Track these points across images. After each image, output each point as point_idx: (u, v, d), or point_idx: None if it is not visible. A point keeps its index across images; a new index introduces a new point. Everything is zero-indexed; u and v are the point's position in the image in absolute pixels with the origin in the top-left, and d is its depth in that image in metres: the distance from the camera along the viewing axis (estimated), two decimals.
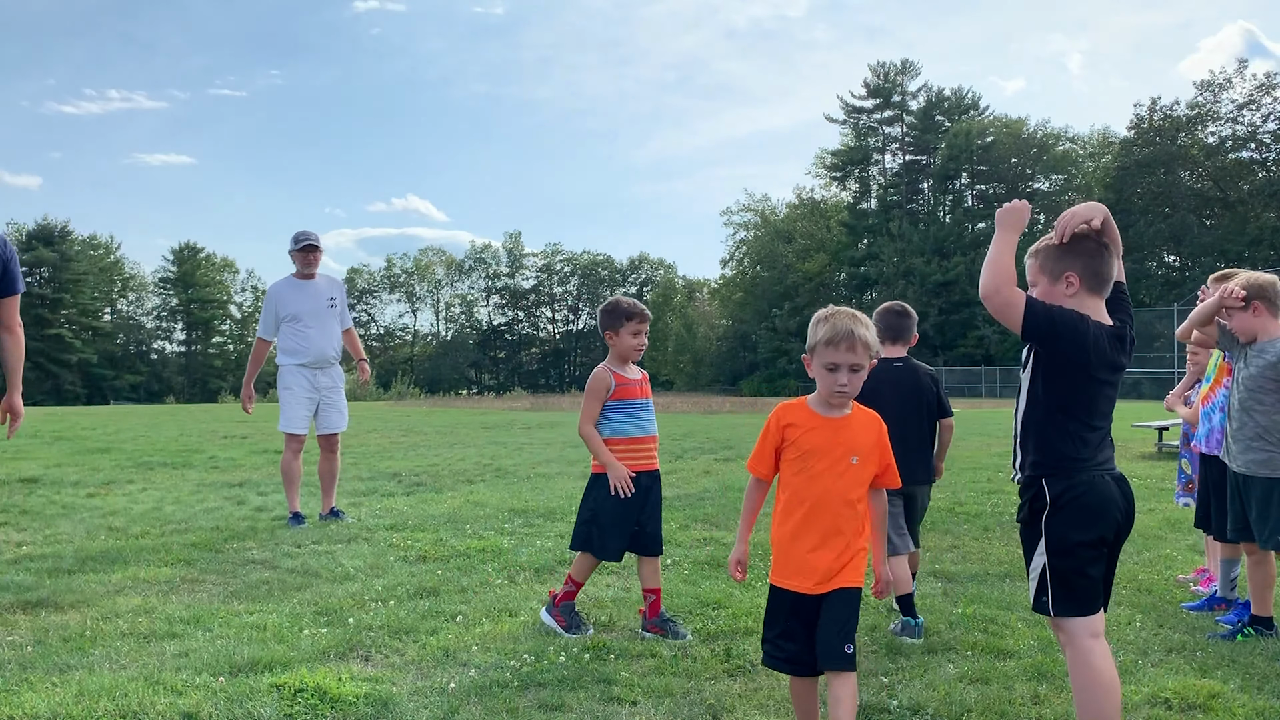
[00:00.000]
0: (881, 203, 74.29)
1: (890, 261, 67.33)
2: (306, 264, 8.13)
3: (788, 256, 75.21)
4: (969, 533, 7.69)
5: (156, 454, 14.64)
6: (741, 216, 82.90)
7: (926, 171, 73.25)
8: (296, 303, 8.02)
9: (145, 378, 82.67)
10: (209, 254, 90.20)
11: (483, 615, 5.01)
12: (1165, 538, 7.39)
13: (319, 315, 8.04)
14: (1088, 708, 2.93)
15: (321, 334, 8.02)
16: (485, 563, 6.32)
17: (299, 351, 7.97)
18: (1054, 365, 2.99)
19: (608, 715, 3.63)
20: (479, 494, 9.99)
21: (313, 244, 8.14)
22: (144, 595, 5.46)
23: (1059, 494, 2.97)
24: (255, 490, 10.31)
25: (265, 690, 3.79)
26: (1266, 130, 57.42)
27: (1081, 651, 2.95)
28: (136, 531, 7.55)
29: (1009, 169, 67.93)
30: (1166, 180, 58.80)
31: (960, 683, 3.96)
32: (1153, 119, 59.57)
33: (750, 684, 3.96)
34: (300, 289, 8.11)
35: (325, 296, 8.12)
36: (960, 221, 68.80)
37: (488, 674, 4.07)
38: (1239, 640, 4.60)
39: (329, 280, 8.34)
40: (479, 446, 16.68)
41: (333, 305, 8.14)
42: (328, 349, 8.08)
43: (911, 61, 73.87)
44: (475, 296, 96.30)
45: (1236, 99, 57.88)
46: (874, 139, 75.66)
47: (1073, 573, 2.97)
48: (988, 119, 70.53)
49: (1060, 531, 2.96)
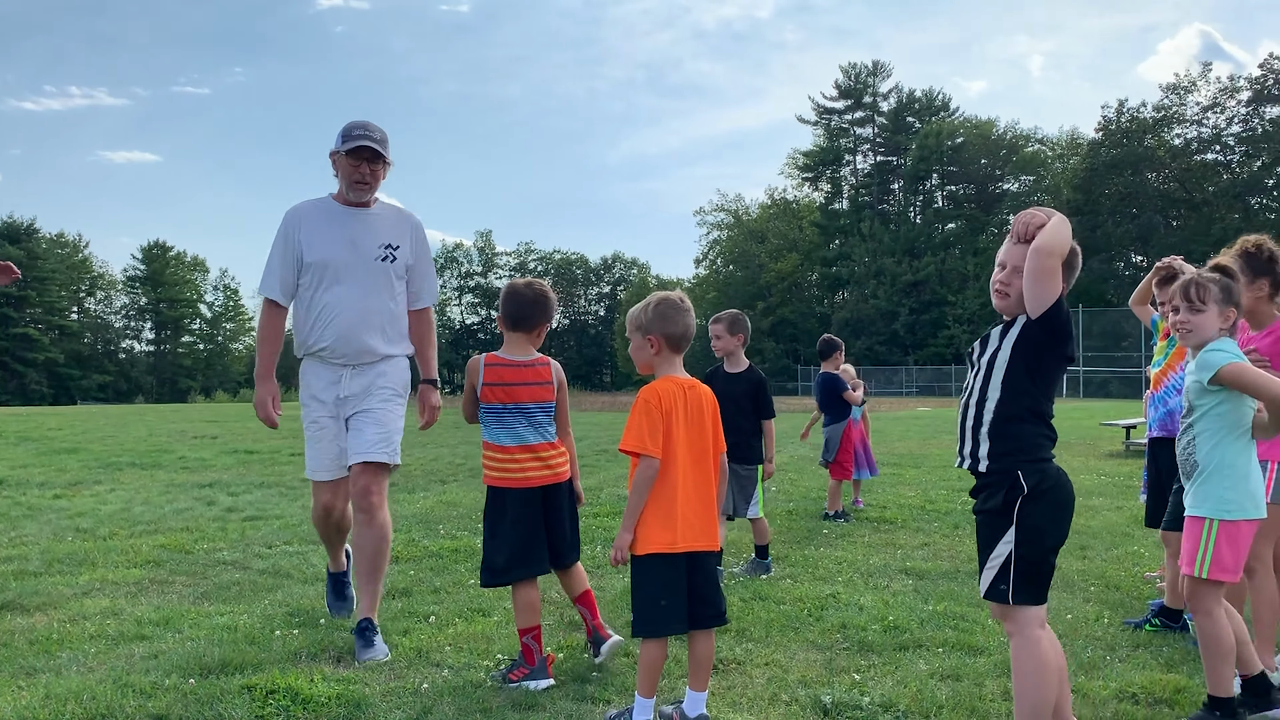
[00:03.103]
0: (853, 203, 74.74)
1: (862, 261, 67.75)
2: (359, 179, 4.64)
3: (760, 256, 75.53)
4: (939, 530, 7.75)
5: (125, 454, 14.48)
6: (714, 216, 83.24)
7: (897, 172, 73.75)
8: (327, 241, 4.63)
9: (113, 377, 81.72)
10: (179, 252, 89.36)
11: (455, 616, 5.00)
12: (1133, 535, 7.48)
13: (362, 270, 4.63)
14: (1029, 695, 2.97)
15: (360, 304, 4.62)
16: (458, 563, 6.31)
17: (318, 333, 4.65)
18: (1046, 356, 3.03)
19: (581, 714, 3.63)
20: (452, 494, 9.97)
21: (373, 145, 4.61)
22: (112, 597, 5.40)
23: (1036, 483, 3.00)
24: (225, 491, 10.22)
25: (236, 692, 3.77)
26: (1230, 133, 58.29)
27: (1031, 640, 2.99)
28: (104, 533, 7.47)
29: (979, 170, 68.51)
30: (1134, 181, 59.51)
31: (932, 679, 3.99)
32: (1120, 121, 60.29)
33: (724, 682, 3.98)
34: (338, 220, 4.68)
35: (379, 240, 4.69)
36: (930, 222, 69.32)
37: (461, 674, 4.06)
38: (1147, 630, 4.72)
39: (394, 215, 4.83)
40: (452, 446, 16.61)
41: (389, 258, 4.70)
42: (367, 335, 4.64)
43: (882, 63, 74.41)
44: (447, 296, 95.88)
45: (1201, 101, 58.75)
46: (845, 140, 76.07)
47: (1038, 562, 3.01)
48: (958, 120, 71.09)
49: (1032, 521, 2.99)
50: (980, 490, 3.13)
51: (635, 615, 3.45)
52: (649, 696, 3.42)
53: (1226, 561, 3.46)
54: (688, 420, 3.51)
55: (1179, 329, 3.58)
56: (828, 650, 4.44)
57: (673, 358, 3.60)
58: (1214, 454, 3.50)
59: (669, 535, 3.40)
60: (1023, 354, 3.03)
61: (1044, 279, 2.95)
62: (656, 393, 3.48)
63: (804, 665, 4.21)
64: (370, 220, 4.71)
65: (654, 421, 3.42)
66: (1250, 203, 58.05)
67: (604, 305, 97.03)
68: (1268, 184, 57.99)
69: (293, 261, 4.65)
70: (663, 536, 3.41)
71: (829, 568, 6.29)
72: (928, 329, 63.40)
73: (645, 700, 3.42)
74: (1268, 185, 58.08)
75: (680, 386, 3.53)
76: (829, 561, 6.48)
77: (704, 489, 3.52)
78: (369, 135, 4.61)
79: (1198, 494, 3.54)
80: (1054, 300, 2.96)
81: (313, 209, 4.71)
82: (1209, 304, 3.51)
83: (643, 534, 3.43)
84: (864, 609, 5.13)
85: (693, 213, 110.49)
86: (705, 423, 3.56)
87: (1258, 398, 3.44)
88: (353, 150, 4.59)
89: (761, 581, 5.84)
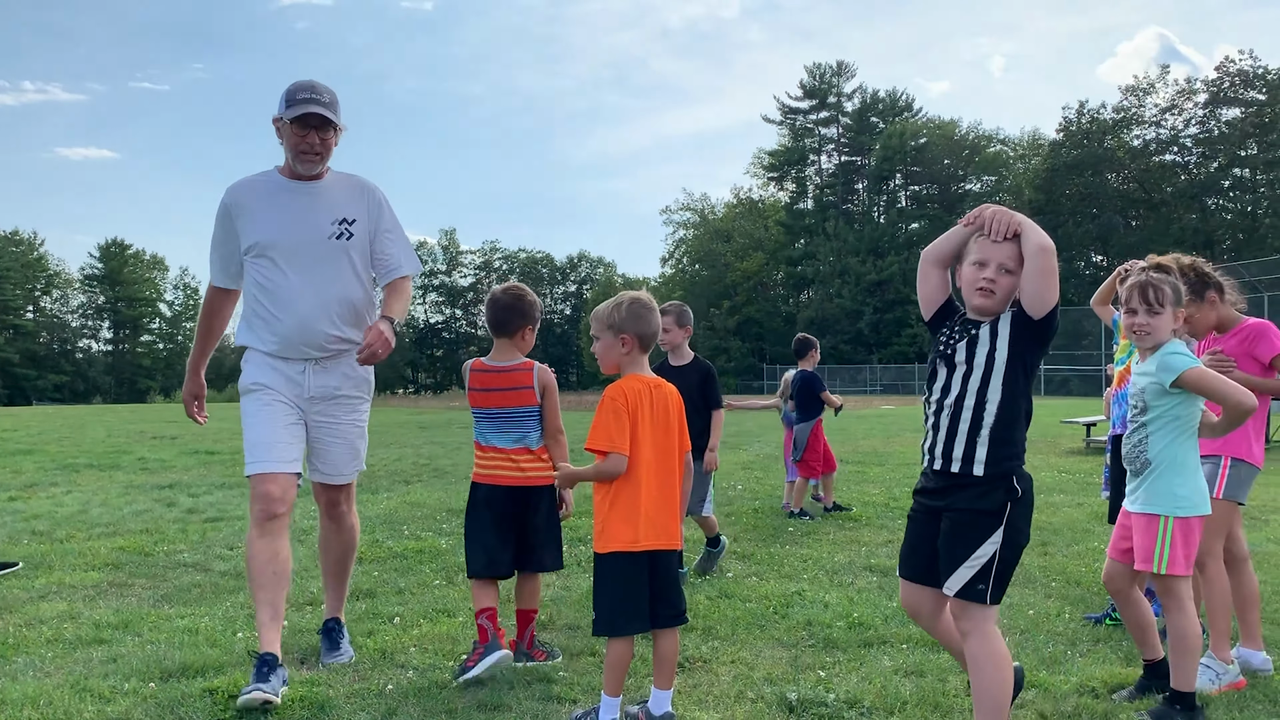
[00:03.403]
0: (818, 203, 75.08)
1: (826, 261, 68.11)
2: (307, 149, 4.04)
3: (726, 255, 75.70)
4: (903, 527, 7.78)
5: (82, 455, 14.27)
6: (680, 215, 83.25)
7: (862, 172, 74.18)
8: (271, 221, 4.06)
9: (70, 377, 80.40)
10: (138, 251, 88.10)
11: (420, 616, 4.97)
12: (1093, 531, 7.58)
13: (314, 252, 4.06)
14: (992, 690, 3.01)
15: (315, 291, 4.05)
16: (423, 564, 6.28)
17: (268, 326, 4.07)
18: (1037, 356, 3.06)
19: (547, 714, 3.62)
20: (416, 494, 9.91)
21: (320, 111, 3.99)
22: (69, 600, 5.32)
23: (1027, 488, 3.04)
24: (186, 492, 10.10)
25: (198, 695, 3.72)
26: (1188, 134, 59.25)
27: (990, 637, 3.03)
28: (61, 535, 7.35)
29: (942, 170, 69.09)
30: (1094, 182, 60.32)
31: (896, 675, 4.02)
32: (1080, 122, 61.11)
33: (689, 680, 3.98)
34: (283, 195, 4.11)
35: (332, 215, 4.11)
36: (894, 222, 69.79)
37: (426, 675, 4.03)
38: (1106, 625, 4.80)
39: (348, 185, 4.24)
40: (416, 446, 16.53)
41: (344, 234, 4.11)
42: (326, 325, 4.07)
43: (846, 63, 74.75)
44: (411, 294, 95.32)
45: (1159, 103, 59.69)
46: (810, 140, 76.42)
47: (1014, 562, 3.04)
48: (921, 121, 71.64)
49: (1018, 524, 3.02)
50: (954, 490, 3.07)
51: (597, 614, 3.44)
52: (615, 695, 3.42)
53: (1181, 556, 3.56)
54: (654, 419, 3.51)
55: (1137, 331, 3.62)
56: (793, 647, 4.46)
57: (640, 357, 3.61)
58: (1166, 452, 3.59)
59: (631, 533, 3.41)
60: (1020, 354, 3.02)
61: (1053, 278, 2.95)
62: (623, 391, 3.48)
63: (769, 663, 4.22)
64: (321, 194, 4.12)
65: (621, 420, 3.42)
66: (1207, 203, 59.06)
67: (570, 304, 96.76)
68: (1224, 185, 59.00)
69: (233, 244, 4.13)
70: (625, 534, 3.41)
71: (794, 565, 6.32)
72: (891, 328, 63.87)
73: (611, 699, 3.41)
74: (1224, 186, 59.10)
75: (646, 385, 3.53)
76: (794, 559, 6.51)
77: (668, 488, 3.52)
78: (316, 98, 3.99)
79: (1150, 491, 3.61)
80: (1057, 300, 2.97)
81: (254, 185, 4.15)
82: (1166, 306, 3.58)
83: (607, 531, 3.43)
84: (829, 606, 5.16)
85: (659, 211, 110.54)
86: (671, 422, 3.57)
87: (1217, 402, 3.53)
88: (299, 118, 3.99)
89: (727, 579, 5.86)
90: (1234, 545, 4.17)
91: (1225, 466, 4.03)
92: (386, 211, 4.26)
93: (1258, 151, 56.56)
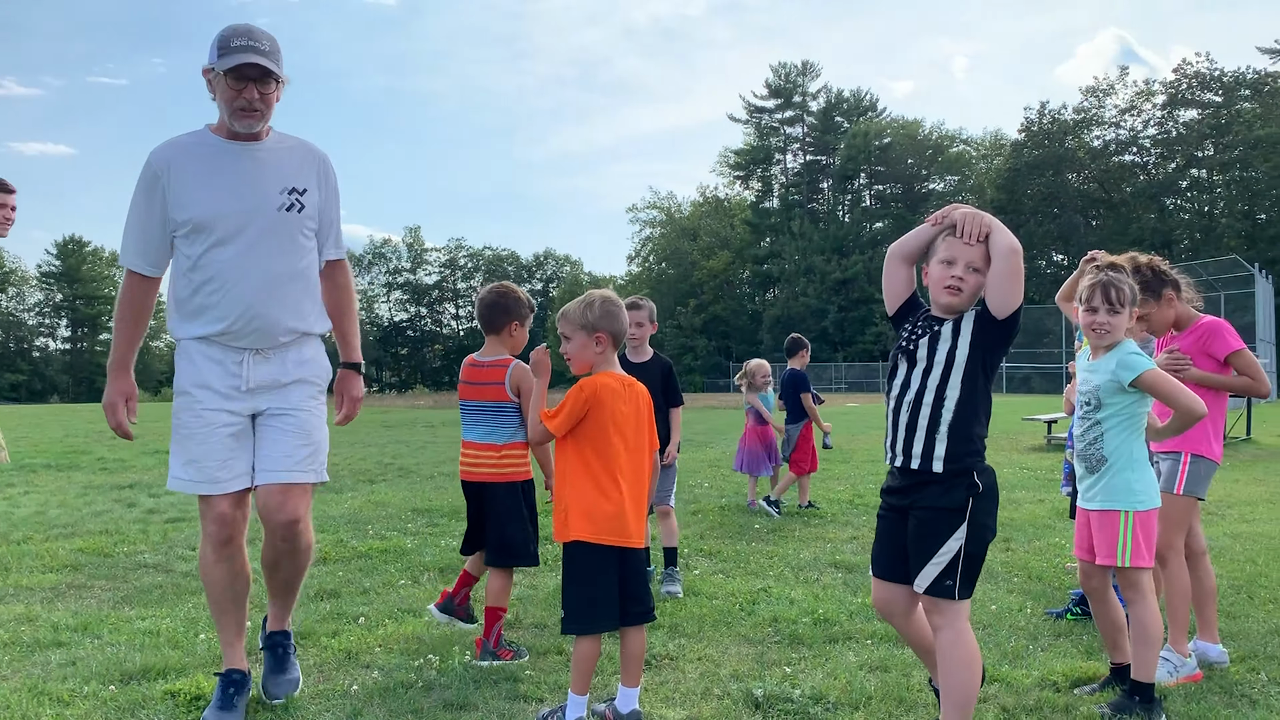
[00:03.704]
0: (783, 202, 75.44)
1: (792, 259, 68.48)
2: (244, 105, 3.45)
3: (693, 254, 75.92)
4: (868, 524, 7.86)
5: (40, 456, 14.04)
6: (647, 214, 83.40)
7: (827, 171, 74.63)
8: (209, 190, 3.48)
9: (27, 376, 79.14)
10: (96, 248, 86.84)
11: (385, 616, 4.95)
12: (1054, 526, 7.68)
13: (260, 225, 3.51)
14: (961, 686, 3.04)
15: (262, 270, 3.51)
16: (388, 563, 6.24)
17: (207, 314, 3.52)
18: (999, 355, 3.11)
19: (513, 713, 3.61)
20: (381, 494, 9.85)
21: (259, 61, 3.40)
22: (27, 603, 5.24)
23: (989, 483, 3.08)
24: (146, 492, 9.97)
25: (159, 698, 3.68)
26: (1146, 135, 60.17)
27: (961, 632, 3.06)
28: (18, 537, 7.23)
29: (905, 170, 69.69)
30: (1055, 182, 61.10)
31: (861, 670, 4.05)
32: (1041, 122, 61.87)
33: (656, 677, 3.99)
34: (222, 160, 3.52)
35: (280, 184, 3.57)
36: (859, 221, 70.30)
37: (391, 675, 4.01)
38: (1068, 619, 4.87)
39: (296, 149, 3.69)
40: (380, 445, 16.43)
41: (294, 206, 3.58)
42: (275, 310, 3.54)
43: (811, 63, 75.23)
44: (376, 292, 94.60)
45: (1119, 104, 60.59)
46: (776, 139, 76.80)
47: (981, 557, 3.08)
48: (885, 120, 72.19)
49: (980, 519, 3.05)
50: (917, 488, 3.10)
51: (566, 612, 3.44)
52: (582, 694, 3.42)
53: (1143, 549, 3.63)
54: (627, 417, 3.52)
55: (1096, 329, 3.67)
56: (759, 644, 4.48)
57: (612, 355, 3.63)
58: (1122, 448, 3.66)
59: (602, 527, 3.41)
60: (982, 352, 3.07)
61: (1020, 279, 3.01)
62: (595, 387, 3.47)
63: (736, 659, 4.24)
64: (265, 158, 3.52)
65: (577, 410, 3.44)
66: (1165, 203, 59.97)
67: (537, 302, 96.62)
68: (1181, 185, 60.00)
69: (159, 221, 3.47)
70: (590, 527, 3.41)
71: (760, 562, 6.35)
72: (856, 326, 64.35)
73: (578, 697, 3.41)
74: (1181, 186, 60.10)
75: (620, 383, 3.55)
76: (760, 556, 6.54)
77: (638, 486, 3.53)
78: (253, 46, 3.37)
79: (1109, 487, 3.67)
80: (1021, 301, 3.02)
81: (187, 148, 3.48)
82: (1125, 306, 3.65)
83: (571, 521, 3.43)
84: (794, 602, 5.19)
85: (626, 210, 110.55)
86: (641, 420, 3.59)
87: (1170, 405, 3.61)
88: (234, 69, 3.36)
89: (694, 577, 5.87)
90: (1192, 540, 4.24)
91: (1185, 462, 4.10)
92: (333, 184, 3.74)
93: (1214, 153, 57.53)
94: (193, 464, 3.47)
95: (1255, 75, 56.37)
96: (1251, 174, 56.08)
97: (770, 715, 3.59)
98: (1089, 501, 3.75)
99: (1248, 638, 4.54)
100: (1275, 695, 3.78)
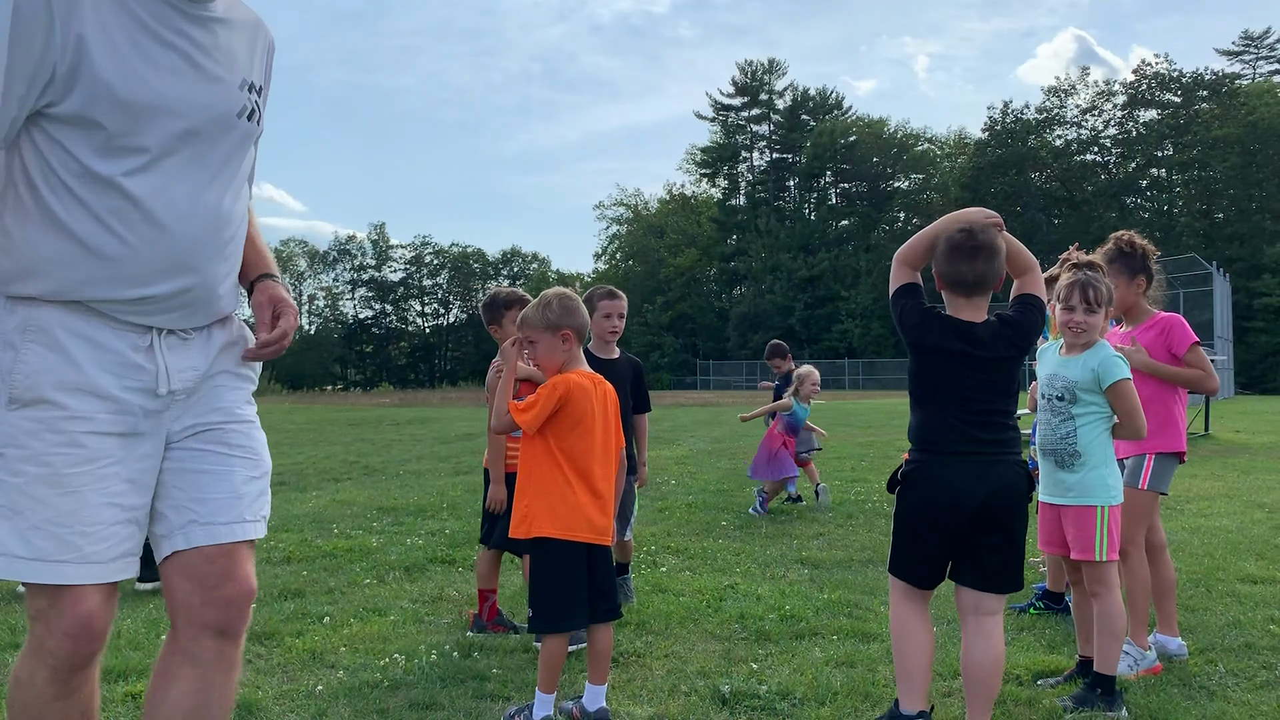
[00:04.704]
0: (750, 199, 75.76)
1: (759, 257, 68.80)
2: None
3: (660, 251, 76.07)
4: (833, 520, 7.90)
5: None
6: (614, 211, 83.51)
7: (793, 169, 74.99)
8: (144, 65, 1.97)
9: None
10: None
11: (351, 616, 4.91)
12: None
13: (211, 135, 2.10)
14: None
15: (206, 207, 2.10)
16: (353, 562, 6.19)
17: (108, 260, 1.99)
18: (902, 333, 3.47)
19: (480, 711, 3.60)
20: (346, 493, 9.77)
21: None
22: None
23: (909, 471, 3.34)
24: None
25: (120, 700, 3.63)
26: (1107, 135, 61.01)
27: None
28: None
29: (871, 168, 70.14)
30: (1018, 180, 61.79)
31: (827, 666, 4.07)
32: (1005, 121, 62.52)
33: (623, 675, 3.99)
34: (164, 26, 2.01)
35: (239, 78, 2.17)
36: (825, 219, 70.75)
37: (357, 675, 3.98)
38: (1031, 614, 4.96)
39: (247, 23, 2.24)
40: (345, 444, 16.31)
41: (252, 112, 2.20)
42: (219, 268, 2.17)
43: (778, 61, 75.61)
44: (340, 289, 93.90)
45: (1080, 104, 61.39)
46: (742, 136, 77.09)
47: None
48: (850, 119, 72.66)
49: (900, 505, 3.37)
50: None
51: (535, 610, 3.42)
52: (549, 692, 3.41)
53: (1116, 542, 3.71)
54: (597, 416, 3.51)
55: (1073, 328, 3.71)
56: (726, 640, 4.49)
57: (579, 351, 3.61)
58: (1096, 444, 3.69)
59: (572, 523, 3.40)
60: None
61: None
62: (568, 385, 3.44)
63: (703, 656, 4.25)
64: (219, 32, 2.14)
65: (549, 408, 3.42)
66: (1126, 202, 60.82)
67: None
68: (1141, 184, 60.91)
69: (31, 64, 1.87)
70: (557, 524, 3.40)
71: (727, 559, 6.36)
72: (822, 323, 64.72)
73: (546, 696, 3.40)
74: (1141, 186, 61.01)
75: (591, 381, 3.53)
76: (727, 553, 6.56)
77: (606, 483, 3.53)
78: None
79: (1084, 482, 3.70)
80: None
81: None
82: (1103, 306, 3.70)
83: (534, 517, 3.42)
84: (761, 599, 5.20)
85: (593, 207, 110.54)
86: (609, 420, 3.58)
87: (1125, 419, 3.70)
88: None
89: (661, 574, 5.87)
90: (1152, 534, 4.29)
91: (1150, 458, 4.15)
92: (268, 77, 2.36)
93: (1173, 153, 58.48)
94: (44, 528, 1.97)
95: (1213, 76, 57.38)
96: (1210, 174, 57.08)
97: (737, 712, 3.59)
98: (1059, 496, 3.78)
99: (1206, 630, 4.61)
100: (1233, 687, 3.84)
